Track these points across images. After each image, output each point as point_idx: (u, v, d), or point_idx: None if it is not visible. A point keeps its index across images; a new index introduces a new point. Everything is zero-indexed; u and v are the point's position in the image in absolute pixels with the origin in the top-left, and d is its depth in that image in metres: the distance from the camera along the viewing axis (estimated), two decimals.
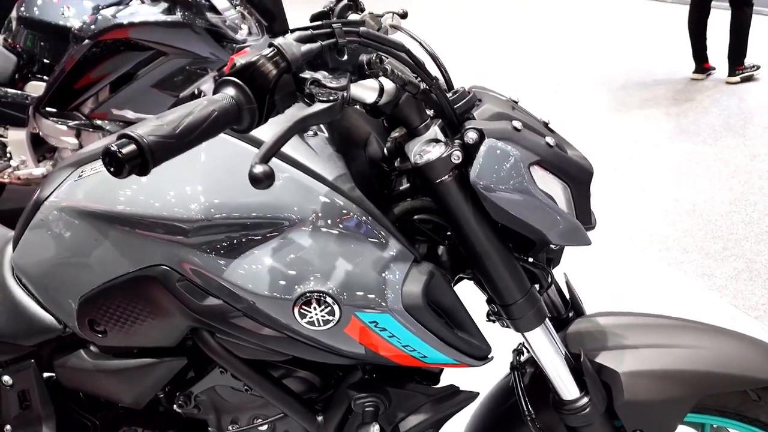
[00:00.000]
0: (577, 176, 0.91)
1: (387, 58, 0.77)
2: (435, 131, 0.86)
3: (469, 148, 0.84)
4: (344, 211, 0.85)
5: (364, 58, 0.76)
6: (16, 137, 3.14)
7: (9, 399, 1.12)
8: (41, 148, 3.20)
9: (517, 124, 0.88)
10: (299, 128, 0.70)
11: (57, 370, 1.08)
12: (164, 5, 2.83)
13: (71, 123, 2.98)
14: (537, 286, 0.95)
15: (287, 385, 0.98)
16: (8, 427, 1.15)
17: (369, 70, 0.76)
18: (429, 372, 0.98)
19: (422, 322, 0.84)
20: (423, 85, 0.82)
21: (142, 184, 0.89)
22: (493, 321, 0.97)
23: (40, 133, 3.11)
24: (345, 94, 0.71)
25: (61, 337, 1.06)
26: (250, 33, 2.98)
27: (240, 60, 0.70)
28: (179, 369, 1.02)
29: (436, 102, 0.85)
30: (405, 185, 0.93)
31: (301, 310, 0.83)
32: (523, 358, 1.10)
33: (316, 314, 0.82)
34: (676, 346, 1.03)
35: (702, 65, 4.88)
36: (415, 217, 0.93)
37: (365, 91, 0.80)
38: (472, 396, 0.99)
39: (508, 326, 0.95)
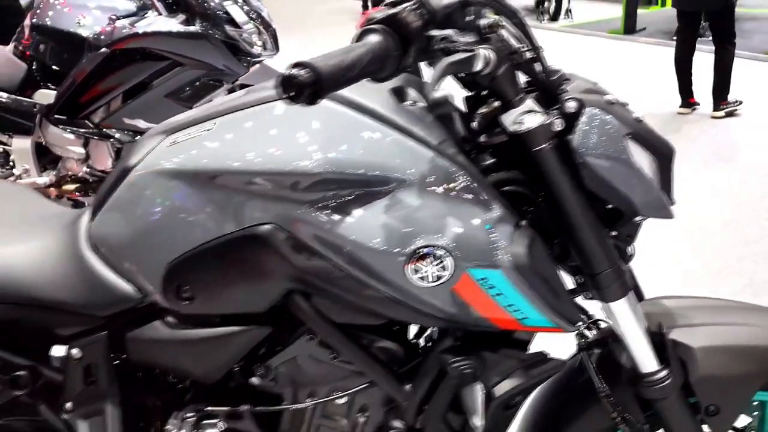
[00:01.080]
0: (662, 151, 0.95)
1: (504, 23, 0.81)
2: (530, 103, 0.90)
3: (569, 117, 0.88)
4: (451, 174, 0.87)
5: (484, 21, 0.80)
6: (21, 146, 3.10)
7: (75, 374, 1.10)
8: (45, 157, 3.17)
9: (609, 98, 0.92)
10: (448, 72, 0.73)
11: (129, 343, 1.07)
12: (182, 17, 2.86)
13: (80, 131, 2.97)
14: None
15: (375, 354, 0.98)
16: (69, 404, 1.13)
17: (489, 33, 0.79)
18: (517, 340, 0.99)
19: (529, 282, 0.87)
20: (528, 55, 0.86)
21: (252, 143, 0.90)
22: (577, 293, 0.99)
23: (44, 142, 3.08)
24: (479, 48, 0.75)
25: (136, 308, 1.05)
26: (264, 48, 3.02)
27: (378, 14, 0.73)
28: (261, 339, 1.02)
29: (536, 73, 0.89)
30: (489, 161, 0.96)
31: (415, 266, 0.84)
32: (590, 338, 1.12)
33: (429, 270, 0.84)
34: (746, 324, 1.06)
35: (688, 100, 5.06)
36: (502, 189, 0.95)
37: (475, 58, 0.83)
38: (560, 364, 1.01)
39: (592, 297, 0.97)
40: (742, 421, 1.15)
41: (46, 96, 3.04)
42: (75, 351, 1.08)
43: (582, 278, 0.97)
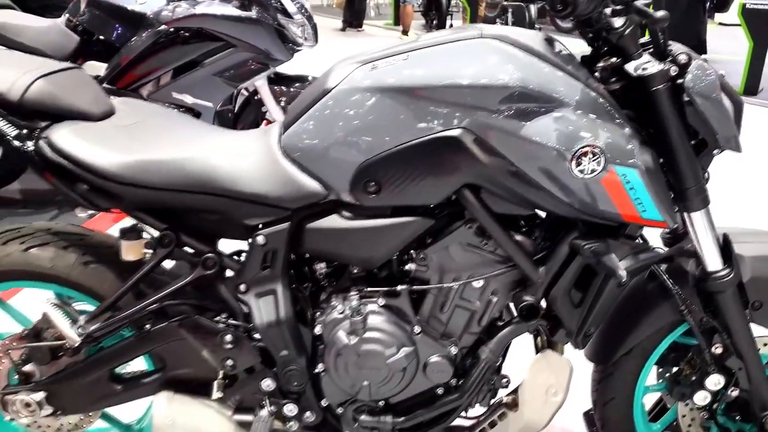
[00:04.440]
0: (737, 101, 1.28)
1: None
2: (647, 56, 1.22)
3: (681, 66, 1.20)
4: (596, 99, 1.17)
5: None
6: None
7: (255, 258, 1.33)
8: None
9: (702, 57, 1.24)
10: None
11: (308, 231, 1.31)
12: (237, 2, 3.11)
13: None
14: None
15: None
16: (243, 286, 1.36)
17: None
18: (627, 234, 1.29)
19: (653, 182, 1.17)
20: (659, 14, 1.17)
21: (448, 66, 1.17)
22: None
23: None
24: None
25: (318, 203, 1.29)
26: (306, 39, 3.29)
27: None
28: (424, 229, 1.28)
29: (657, 33, 1.21)
30: None
31: (577, 160, 1.14)
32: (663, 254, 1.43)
33: (588, 164, 1.13)
34: None
35: None
36: None
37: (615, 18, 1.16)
38: (658, 255, 1.31)
39: (678, 210, 1.28)
40: None
41: (95, 68, 3.22)
42: (260, 238, 1.32)
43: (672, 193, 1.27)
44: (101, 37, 3.24)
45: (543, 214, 1.33)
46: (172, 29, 3.04)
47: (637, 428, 1.54)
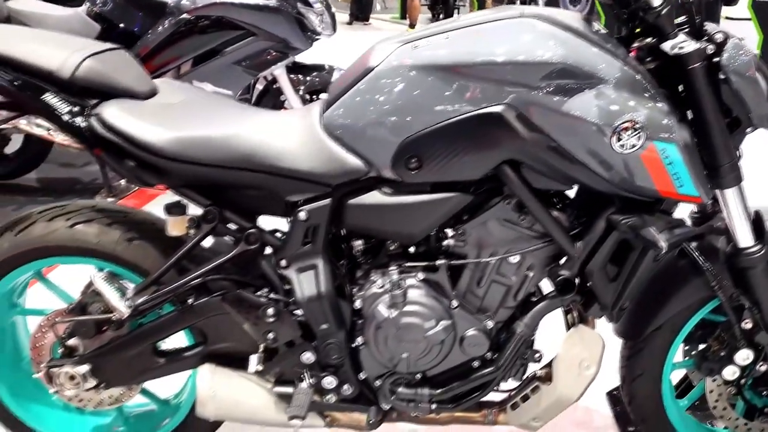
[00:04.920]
0: None
1: None
2: (683, 36, 1.25)
3: (718, 44, 1.23)
4: (635, 76, 1.20)
5: None
6: None
7: (296, 234, 1.36)
8: None
9: (738, 36, 1.27)
10: None
11: (349, 207, 1.34)
12: None
13: None
14: None
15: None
16: (283, 261, 1.40)
17: None
18: (662, 210, 1.32)
19: (690, 158, 1.20)
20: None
21: (490, 44, 1.21)
22: None
23: None
24: None
25: (359, 180, 1.33)
26: (324, 27, 3.32)
27: None
28: (463, 205, 1.32)
29: (693, 13, 1.24)
30: None
31: (618, 135, 1.17)
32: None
33: (628, 139, 1.17)
34: None
35: None
36: None
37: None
38: (691, 230, 1.34)
39: (712, 187, 1.31)
40: None
41: None
42: (302, 214, 1.35)
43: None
44: (122, 26, 3.27)
45: (573, 192, 1.36)
46: (192, 18, 3.08)
47: (664, 404, 1.58)
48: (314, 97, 3.48)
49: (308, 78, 3.48)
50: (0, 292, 1.53)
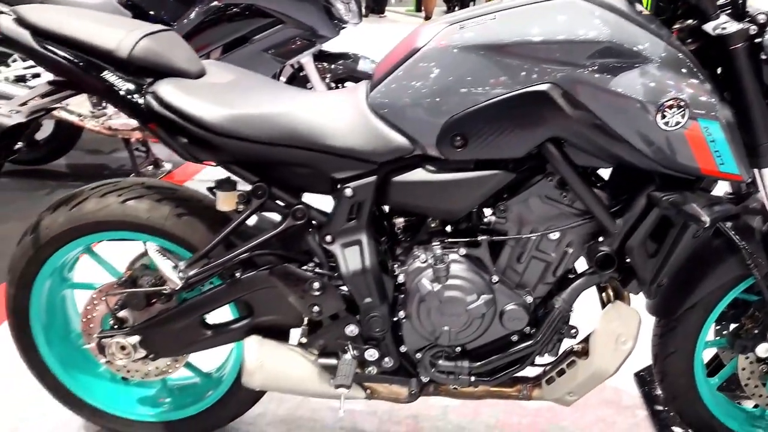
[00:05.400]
0: None
1: None
2: (725, 17, 1.27)
3: (760, 25, 1.25)
4: (678, 55, 1.23)
5: None
6: None
7: (342, 210, 1.41)
8: None
9: None
10: None
11: (393, 184, 1.38)
12: None
13: None
14: None
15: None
16: (329, 237, 1.44)
17: None
18: (702, 188, 1.35)
19: (732, 136, 1.23)
20: None
21: (537, 24, 1.24)
22: None
23: None
24: None
25: (404, 158, 1.37)
26: (350, 16, 3.36)
27: None
28: (506, 182, 1.35)
29: None
30: None
31: (662, 112, 1.20)
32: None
33: (673, 116, 1.20)
34: None
35: None
36: None
37: None
38: (730, 209, 1.37)
39: (751, 166, 1.33)
40: None
41: None
42: (348, 191, 1.39)
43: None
44: (152, 13, 3.32)
45: (607, 173, 1.40)
46: (222, 5, 3.12)
47: (696, 381, 1.61)
48: (339, 84, 3.52)
49: (333, 66, 3.51)
50: (53, 266, 1.58)
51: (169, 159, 4.01)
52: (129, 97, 1.37)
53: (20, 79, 3.47)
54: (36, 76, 3.46)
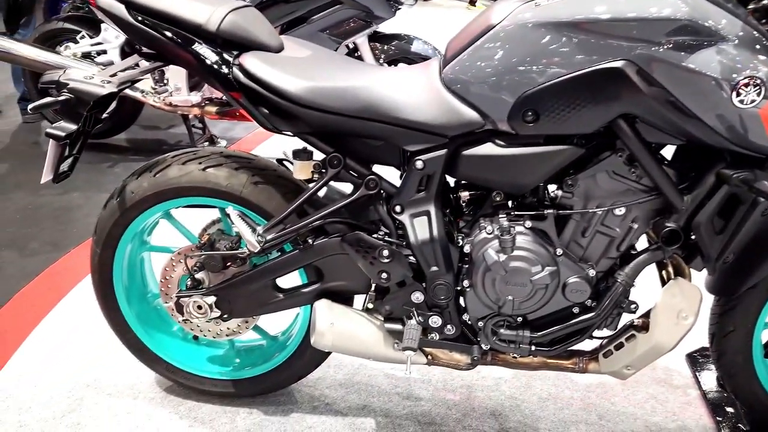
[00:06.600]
0: None
1: None
2: None
3: None
4: (756, 35, 1.25)
5: None
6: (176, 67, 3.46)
7: (412, 181, 1.47)
8: (194, 78, 3.54)
9: None
10: None
11: (463, 158, 1.43)
12: None
13: None
14: None
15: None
16: (398, 207, 1.50)
17: None
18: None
19: None
20: None
21: (614, 2, 1.27)
22: None
23: None
24: None
25: (474, 132, 1.42)
26: None
27: None
28: (575, 157, 1.39)
29: None
30: None
31: (738, 90, 1.23)
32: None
33: (749, 94, 1.22)
34: None
35: None
36: None
37: None
38: None
39: None
40: None
41: None
42: (419, 163, 1.45)
43: None
44: None
45: (671, 151, 1.42)
46: None
47: (754, 361, 1.63)
48: (393, 65, 3.56)
49: (387, 47, 3.55)
50: (135, 229, 1.68)
51: (224, 135, 4.13)
52: (216, 68, 1.44)
53: (86, 56, 3.61)
54: (102, 53, 3.59)
